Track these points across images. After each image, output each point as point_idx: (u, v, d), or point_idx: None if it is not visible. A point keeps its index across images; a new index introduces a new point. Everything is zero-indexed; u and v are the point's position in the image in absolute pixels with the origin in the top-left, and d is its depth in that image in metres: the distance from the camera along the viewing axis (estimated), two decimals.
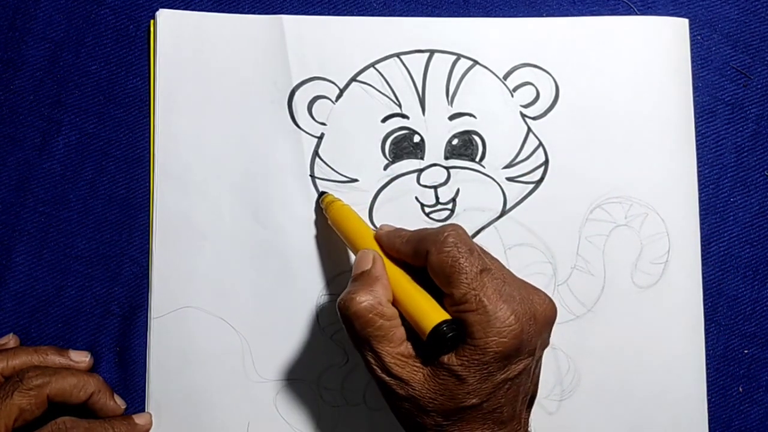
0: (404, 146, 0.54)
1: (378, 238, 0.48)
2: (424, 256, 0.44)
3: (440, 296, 0.44)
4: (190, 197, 0.54)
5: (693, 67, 0.55)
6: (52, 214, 0.54)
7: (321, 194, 0.53)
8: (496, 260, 0.46)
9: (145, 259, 0.54)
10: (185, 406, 0.53)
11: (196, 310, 0.53)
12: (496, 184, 0.54)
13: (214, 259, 0.53)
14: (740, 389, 0.55)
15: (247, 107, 0.54)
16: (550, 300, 0.45)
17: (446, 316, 0.42)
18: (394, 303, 0.44)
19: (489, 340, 0.41)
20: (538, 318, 0.43)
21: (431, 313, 0.42)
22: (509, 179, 0.54)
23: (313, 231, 0.53)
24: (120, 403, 0.52)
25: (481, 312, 0.41)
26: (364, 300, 0.43)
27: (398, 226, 0.50)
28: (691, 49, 0.55)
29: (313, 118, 0.54)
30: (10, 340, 0.53)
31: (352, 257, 0.51)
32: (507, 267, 0.46)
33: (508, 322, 0.41)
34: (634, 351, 0.53)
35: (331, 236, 0.53)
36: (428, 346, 0.42)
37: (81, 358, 0.52)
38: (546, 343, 0.45)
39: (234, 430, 0.53)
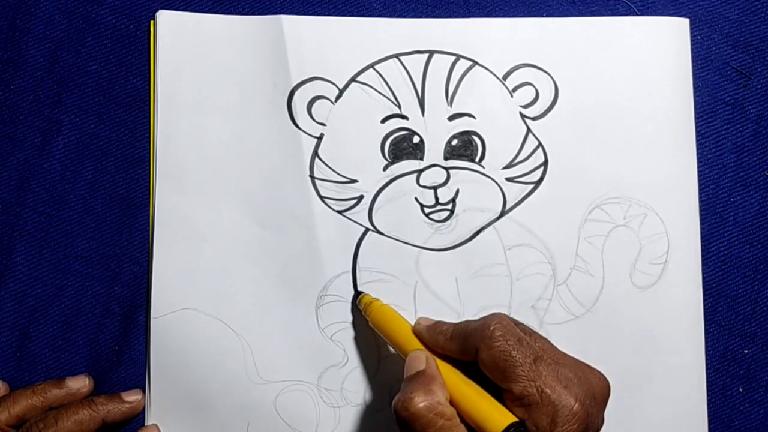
0: (404, 147, 0.54)
1: (418, 335, 0.48)
2: (472, 353, 0.44)
3: (493, 388, 0.43)
4: (190, 197, 0.54)
5: (693, 67, 0.55)
6: (52, 214, 0.54)
7: (357, 294, 0.53)
8: (543, 338, 0.46)
9: (145, 258, 0.54)
10: (185, 406, 0.53)
11: (195, 311, 0.53)
12: (495, 184, 0.54)
13: (213, 259, 0.53)
14: (740, 389, 0.55)
15: (246, 107, 0.54)
16: (604, 376, 0.45)
17: (511, 417, 0.41)
18: (452, 402, 0.43)
19: (558, 431, 0.40)
20: (597, 397, 0.43)
21: (495, 415, 0.41)
22: (509, 179, 0.54)
23: (313, 231, 0.53)
24: (131, 399, 0.52)
25: (546, 403, 0.41)
26: (422, 400, 0.42)
27: (436, 320, 0.50)
28: (691, 49, 0.55)
29: (312, 118, 0.54)
30: (0, 388, 0.53)
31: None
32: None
33: (575, 410, 0.41)
34: (633, 351, 0.53)
35: (331, 238, 0.53)
36: None
37: (80, 384, 0.52)
38: (603, 421, 0.44)
39: (234, 430, 0.53)
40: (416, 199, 0.54)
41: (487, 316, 0.45)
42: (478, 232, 0.54)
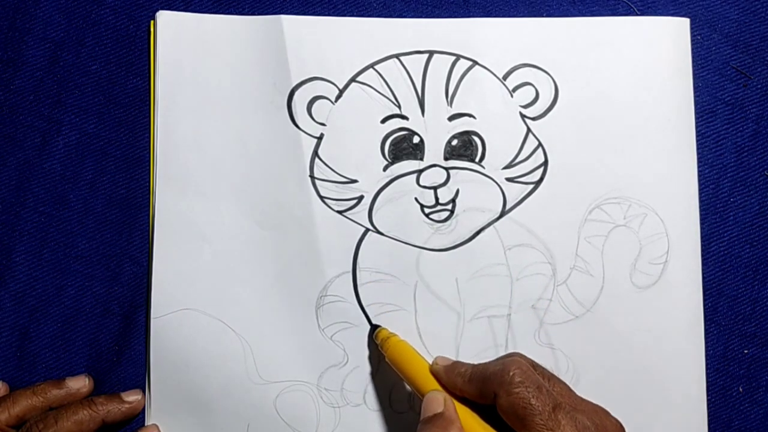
0: (404, 147, 0.54)
1: (436, 374, 0.48)
2: (491, 398, 0.44)
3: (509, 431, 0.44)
4: (190, 197, 0.54)
5: (693, 67, 0.55)
6: (52, 214, 0.54)
7: (374, 328, 0.53)
8: (561, 382, 0.46)
9: (145, 258, 0.54)
10: (185, 407, 0.53)
11: (195, 312, 0.53)
12: (495, 184, 0.54)
13: (213, 259, 0.53)
14: (740, 389, 0.55)
15: (246, 107, 0.54)
16: (620, 423, 0.45)
17: None
18: None
19: None
20: None
21: None
22: (509, 180, 0.54)
23: (313, 231, 0.53)
24: (131, 399, 0.52)
25: None
26: None
27: (453, 360, 0.50)
28: (691, 49, 0.55)
29: (312, 118, 0.54)
30: (0, 388, 0.53)
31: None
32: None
33: None
34: (633, 351, 0.53)
35: (331, 238, 0.53)
36: None
37: (79, 384, 0.52)
38: None
39: (234, 431, 0.53)
40: (416, 199, 0.54)
41: (506, 360, 0.45)
42: (478, 233, 0.54)
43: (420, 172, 0.54)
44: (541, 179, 0.54)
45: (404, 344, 0.51)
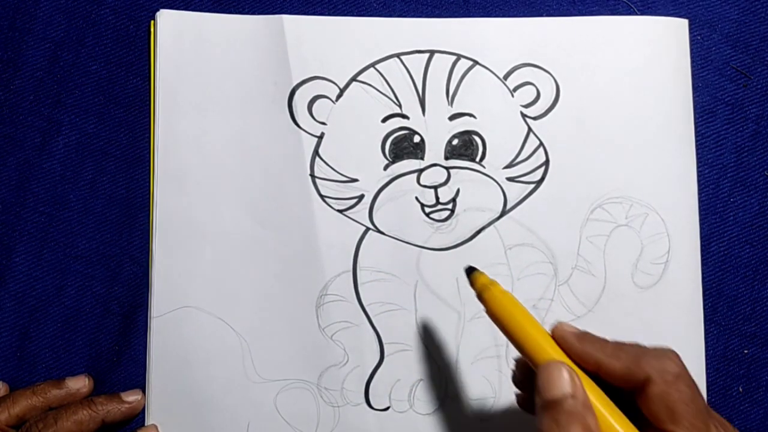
0: (404, 146, 0.54)
1: (561, 341, 0.40)
2: (639, 381, 0.38)
3: (636, 418, 0.38)
4: (190, 197, 0.54)
5: (693, 67, 0.55)
6: (52, 214, 0.54)
7: (470, 269, 0.46)
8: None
9: (145, 258, 0.54)
10: (185, 406, 0.53)
11: (196, 310, 0.53)
12: (496, 184, 0.54)
13: (214, 258, 0.53)
14: (740, 389, 0.55)
15: (247, 107, 0.54)
16: None
17: None
18: None
19: None
20: None
21: None
22: (509, 179, 0.54)
23: (313, 230, 0.53)
24: (131, 399, 0.52)
25: None
26: None
27: (581, 329, 0.41)
28: (691, 49, 0.55)
29: (313, 117, 0.54)
30: (1, 388, 0.53)
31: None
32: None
33: None
34: None
35: (331, 237, 0.53)
36: None
37: (79, 384, 0.52)
38: None
39: (234, 430, 0.53)
40: (417, 198, 0.54)
41: (665, 348, 0.40)
42: (478, 232, 0.54)
43: (420, 171, 0.54)
44: (542, 179, 0.54)
45: (511, 298, 0.42)
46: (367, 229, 0.53)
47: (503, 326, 0.41)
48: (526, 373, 0.43)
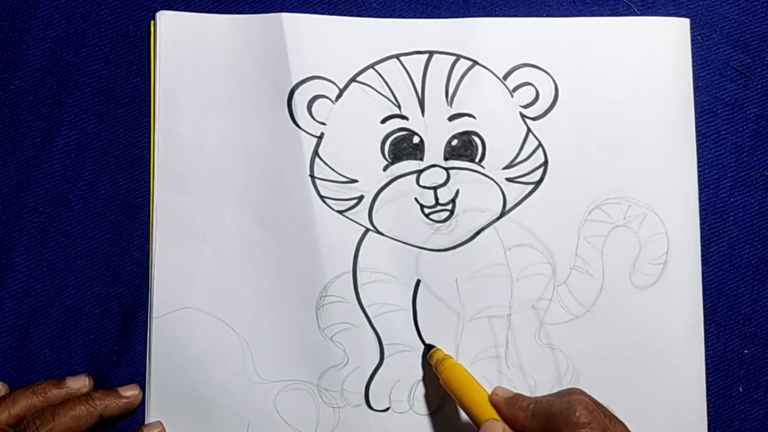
0: (404, 147, 0.54)
1: (496, 405, 0.48)
2: None
3: None
4: (190, 197, 0.54)
5: (693, 67, 0.55)
6: (52, 214, 0.54)
7: (428, 347, 0.53)
8: (620, 423, 0.46)
9: (145, 258, 0.54)
10: (185, 406, 0.53)
11: (196, 311, 0.53)
12: (495, 184, 0.54)
13: (213, 258, 0.53)
14: (740, 389, 0.55)
15: (246, 107, 0.54)
16: None
17: None
18: None
19: None
20: None
21: None
22: (509, 180, 0.54)
23: (313, 231, 0.53)
24: (128, 394, 0.52)
25: None
26: None
27: (514, 392, 0.50)
28: (691, 49, 0.55)
29: (312, 117, 0.54)
30: (1, 388, 0.53)
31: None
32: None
33: None
34: (632, 351, 0.53)
35: (331, 238, 0.53)
36: None
37: (79, 384, 0.52)
38: None
39: (234, 430, 0.53)
40: (416, 199, 0.54)
41: (571, 398, 0.45)
42: (478, 233, 0.54)
43: (420, 172, 0.54)
44: (541, 179, 0.54)
45: (460, 368, 0.50)
46: (367, 229, 0.53)
47: (453, 392, 0.50)
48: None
